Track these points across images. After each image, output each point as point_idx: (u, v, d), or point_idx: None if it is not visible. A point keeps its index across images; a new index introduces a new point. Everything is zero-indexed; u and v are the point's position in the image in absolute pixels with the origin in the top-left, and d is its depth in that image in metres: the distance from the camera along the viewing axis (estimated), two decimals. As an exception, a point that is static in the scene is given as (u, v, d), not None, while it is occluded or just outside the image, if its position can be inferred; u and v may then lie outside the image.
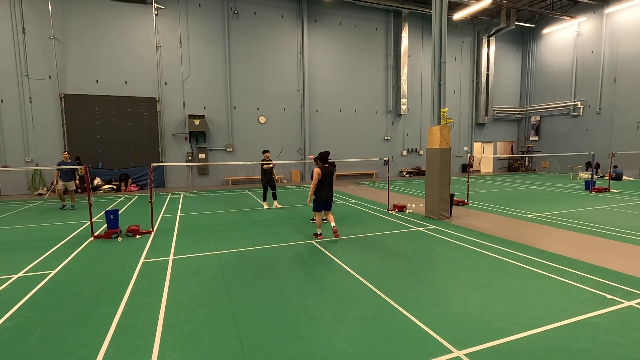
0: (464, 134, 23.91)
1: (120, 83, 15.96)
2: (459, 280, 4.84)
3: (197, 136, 17.25)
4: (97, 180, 15.31)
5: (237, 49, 17.69)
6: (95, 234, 7.38)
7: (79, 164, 14.14)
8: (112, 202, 12.33)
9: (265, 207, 10.68)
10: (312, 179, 7.09)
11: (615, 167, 17.88)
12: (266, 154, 10.64)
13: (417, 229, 7.90)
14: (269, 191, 10.65)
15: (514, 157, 24.33)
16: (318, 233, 7.16)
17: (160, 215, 9.85)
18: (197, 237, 7.37)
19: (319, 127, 19.63)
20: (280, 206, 10.78)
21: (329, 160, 7.27)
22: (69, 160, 11.19)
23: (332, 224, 7.02)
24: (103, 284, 4.81)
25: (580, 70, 21.71)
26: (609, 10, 19.91)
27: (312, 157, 8.56)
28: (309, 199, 7.14)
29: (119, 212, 7.57)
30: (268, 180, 10.39)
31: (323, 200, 6.97)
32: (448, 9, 12.10)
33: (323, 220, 7.70)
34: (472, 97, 23.90)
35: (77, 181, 12.18)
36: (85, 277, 5.09)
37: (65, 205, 10.98)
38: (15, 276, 5.16)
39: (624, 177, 18.15)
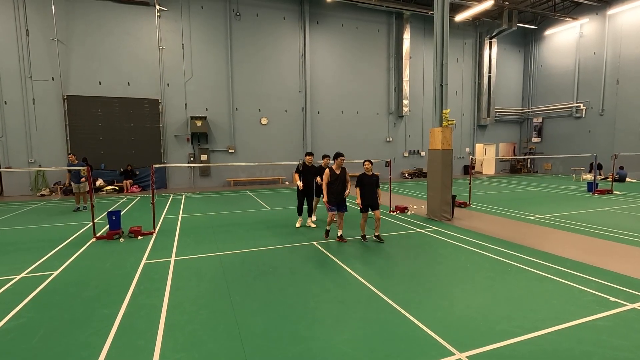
0: (465, 136, 23.87)
1: (123, 85, 16.03)
2: (461, 282, 4.82)
3: (199, 137, 17.28)
4: (99, 182, 15.35)
5: (239, 50, 17.73)
6: (98, 235, 7.40)
7: (87, 164, 14.17)
8: (114, 203, 12.36)
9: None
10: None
11: (621, 168, 17.79)
12: (325, 159, 8.30)
13: (419, 230, 7.88)
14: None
15: (516, 158, 24.25)
16: (327, 229, 7.16)
17: (162, 216, 9.86)
18: (198, 238, 7.38)
19: (321, 129, 19.64)
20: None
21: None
22: (76, 162, 11.15)
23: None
24: (105, 285, 4.81)
25: (583, 71, 21.66)
26: (611, 11, 19.86)
27: (369, 164, 6.90)
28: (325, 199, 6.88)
29: (121, 213, 7.58)
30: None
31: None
32: (450, 10, 12.09)
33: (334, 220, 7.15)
34: (474, 99, 23.87)
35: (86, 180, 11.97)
36: (87, 278, 5.10)
37: (79, 208, 10.98)
38: (18, 277, 5.18)
39: (627, 179, 18.05)
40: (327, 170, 6.90)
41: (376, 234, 6.94)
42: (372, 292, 4.48)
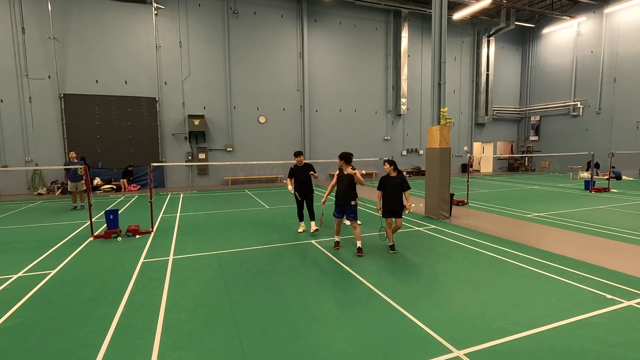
0: (463, 134, 23.90)
1: (120, 83, 15.95)
2: (459, 280, 4.83)
3: (197, 136, 17.23)
4: (96, 180, 15.29)
5: (237, 48, 17.68)
6: (95, 233, 7.37)
7: (85, 163, 14.12)
8: (112, 202, 12.32)
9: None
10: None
11: (613, 167, 17.87)
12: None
13: (417, 229, 7.90)
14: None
15: (514, 157, 24.33)
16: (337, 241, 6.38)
17: (160, 215, 9.84)
18: (196, 237, 7.37)
19: (319, 127, 19.62)
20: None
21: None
22: (76, 160, 11.06)
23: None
24: (103, 284, 4.80)
25: (580, 70, 21.71)
26: (608, 10, 19.91)
27: (388, 165, 6.32)
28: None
29: (119, 212, 7.56)
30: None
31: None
32: (448, 8, 12.09)
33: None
34: (471, 97, 23.90)
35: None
36: (85, 277, 5.09)
37: (77, 207, 10.92)
38: (15, 276, 5.16)
39: (623, 177, 18.15)
40: (337, 172, 6.27)
41: (390, 243, 6.20)
42: (371, 290, 4.49)
